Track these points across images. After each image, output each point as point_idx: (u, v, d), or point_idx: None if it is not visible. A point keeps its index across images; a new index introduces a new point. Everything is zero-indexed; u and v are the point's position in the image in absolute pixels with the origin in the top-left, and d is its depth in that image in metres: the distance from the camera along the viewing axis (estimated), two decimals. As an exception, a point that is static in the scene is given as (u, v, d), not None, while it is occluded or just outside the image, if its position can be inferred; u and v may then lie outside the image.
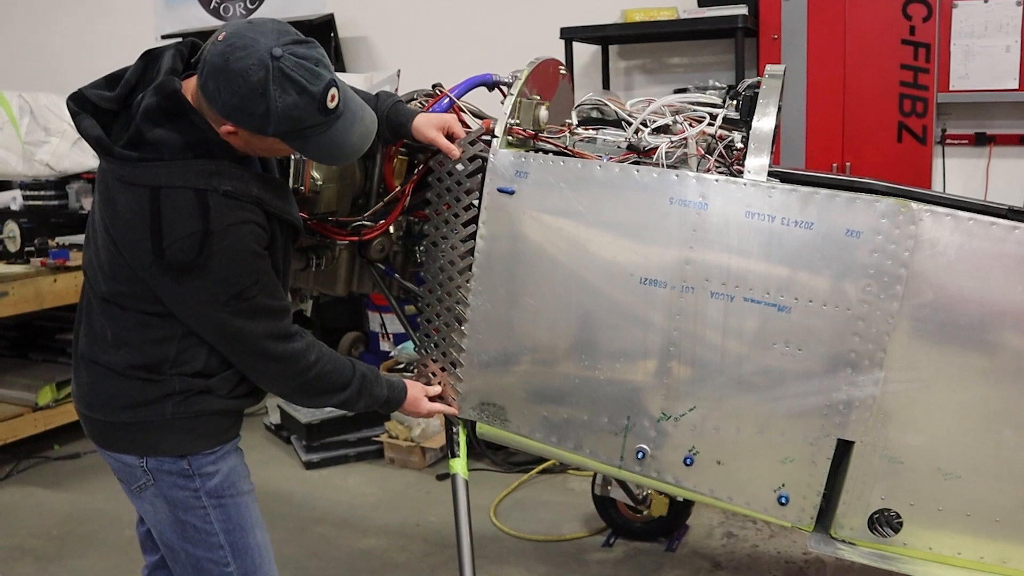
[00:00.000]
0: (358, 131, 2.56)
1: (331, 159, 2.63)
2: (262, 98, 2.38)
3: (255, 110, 2.39)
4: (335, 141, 2.51)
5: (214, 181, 2.48)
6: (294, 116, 2.41)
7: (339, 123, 2.49)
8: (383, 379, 3.00)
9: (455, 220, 3.17)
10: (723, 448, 3.02)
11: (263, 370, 2.71)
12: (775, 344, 2.89)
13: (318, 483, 5.65)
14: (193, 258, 2.46)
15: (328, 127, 2.48)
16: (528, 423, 3.21)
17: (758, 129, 2.95)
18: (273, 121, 2.40)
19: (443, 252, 3.19)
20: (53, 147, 6.70)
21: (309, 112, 2.42)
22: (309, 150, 2.53)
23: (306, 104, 2.40)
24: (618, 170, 3.00)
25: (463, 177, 3.15)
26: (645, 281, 2.97)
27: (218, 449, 2.76)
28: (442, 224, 3.18)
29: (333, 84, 2.44)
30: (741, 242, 2.88)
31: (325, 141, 2.50)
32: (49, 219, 6.87)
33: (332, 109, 2.45)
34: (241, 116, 2.42)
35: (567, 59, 6.50)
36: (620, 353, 3.04)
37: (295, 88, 2.38)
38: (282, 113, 2.39)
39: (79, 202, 6.94)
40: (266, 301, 2.61)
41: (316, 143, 2.49)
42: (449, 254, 3.18)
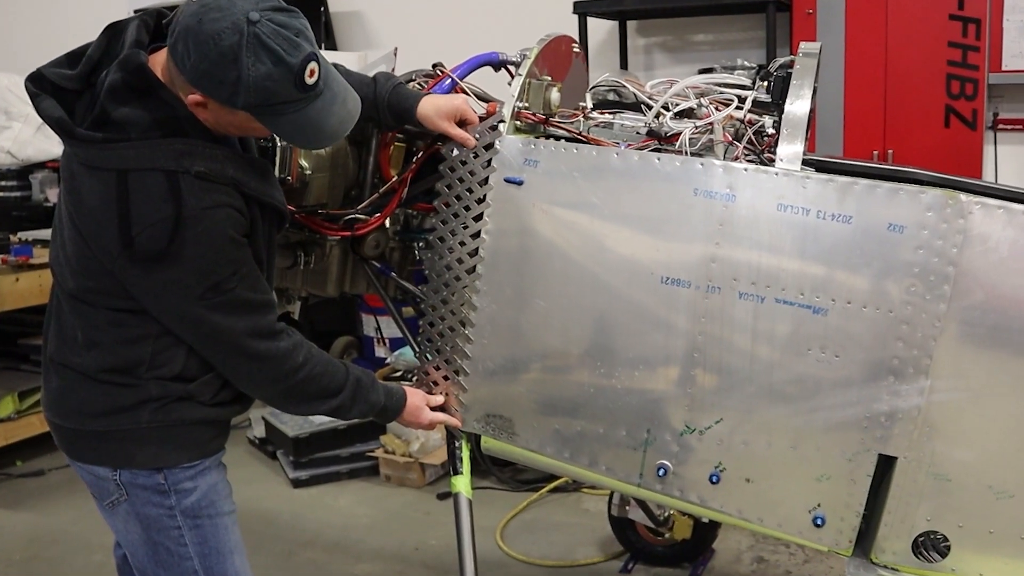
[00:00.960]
0: (338, 114, 2.55)
1: (306, 142, 2.63)
2: (233, 65, 2.36)
3: (225, 77, 2.38)
4: (312, 122, 2.50)
5: (185, 161, 2.48)
6: (267, 88, 2.39)
7: (318, 102, 2.48)
8: (380, 385, 3.01)
9: (465, 213, 3.16)
10: (753, 464, 3.02)
11: (245, 372, 2.71)
12: (810, 350, 2.89)
13: (307, 503, 5.66)
14: (164, 246, 2.46)
15: (304, 105, 2.47)
16: (538, 437, 3.21)
17: (791, 113, 2.95)
18: (243, 91, 2.39)
19: (450, 248, 3.19)
20: (15, 133, 6.71)
21: (284, 86, 2.40)
22: (282, 129, 2.53)
23: (281, 76, 2.39)
24: (637, 158, 3.00)
25: (478, 166, 3.14)
26: (667, 280, 2.98)
27: (198, 463, 2.76)
28: (450, 217, 3.19)
29: (313, 58, 2.43)
30: (773, 237, 2.88)
31: (300, 121, 2.49)
32: (10, 212, 6.87)
33: (310, 86, 2.44)
34: (209, 83, 2.40)
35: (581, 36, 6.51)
36: (639, 360, 3.04)
37: (270, 57, 2.37)
38: (254, 83, 2.38)
39: (44, 193, 6.94)
40: (247, 294, 2.61)
41: (290, 122, 2.48)
42: (457, 250, 3.18)
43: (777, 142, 2.94)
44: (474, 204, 3.16)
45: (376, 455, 5.95)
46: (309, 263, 3.46)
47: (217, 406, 2.76)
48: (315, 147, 3.02)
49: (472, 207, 3.16)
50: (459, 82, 3.32)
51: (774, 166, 2.90)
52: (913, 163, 3.48)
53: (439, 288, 3.23)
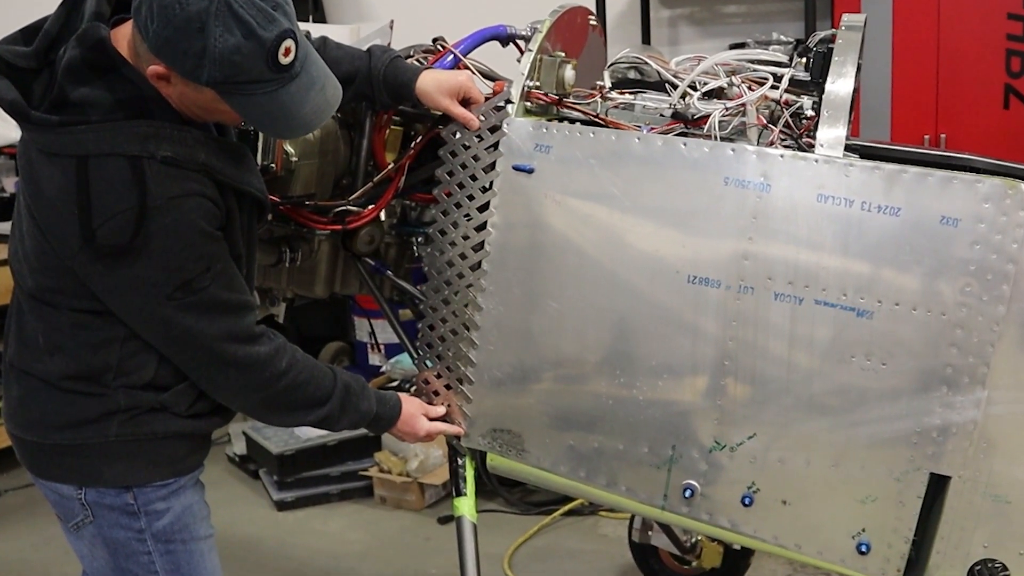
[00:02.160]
0: (314, 102, 2.54)
1: (275, 129, 2.64)
2: (199, 33, 2.35)
3: (189, 47, 2.36)
4: (283, 107, 2.49)
5: (151, 146, 2.47)
6: (234, 63, 2.38)
7: (291, 86, 2.47)
8: (371, 392, 3.01)
9: (469, 203, 3.17)
10: (790, 485, 3.02)
11: (221, 380, 2.71)
12: (853, 357, 2.89)
13: (293, 527, 5.67)
14: (129, 240, 2.46)
15: (276, 88, 2.45)
16: (550, 454, 3.22)
17: (832, 93, 2.95)
18: (208, 64, 2.37)
19: (452, 242, 3.19)
20: (-31, 116, 6.71)
21: (254, 62, 2.39)
22: (249, 113, 2.51)
23: (252, 51, 2.38)
24: (661, 143, 3.00)
25: (482, 151, 3.14)
26: (694, 280, 2.98)
27: (171, 481, 2.76)
28: (452, 208, 3.19)
29: (290, 35, 2.42)
30: (812, 232, 2.88)
31: (270, 104, 2.48)
32: (-36, 204, 6.89)
33: (284, 66, 2.43)
34: (172, 53, 2.39)
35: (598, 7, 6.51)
36: (663, 368, 3.05)
37: (241, 29, 2.35)
38: (220, 56, 2.36)
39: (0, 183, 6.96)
40: (221, 294, 2.61)
41: (259, 105, 2.48)
42: (460, 245, 3.18)
43: (817, 125, 2.93)
44: (479, 193, 3.16)
45: (370, 474, 5.96)
46: (295, 260, 3.47)
47: (193, 418, 2.76)
48: (284, 136, 3.02)
49: (476, 196, 3.16)
50: (462, 58, 3.32)
51: (813, 152, 2.90)
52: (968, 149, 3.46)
53: (440, 287, 3.23)
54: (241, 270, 2.71)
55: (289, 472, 5.97)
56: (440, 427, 3.24)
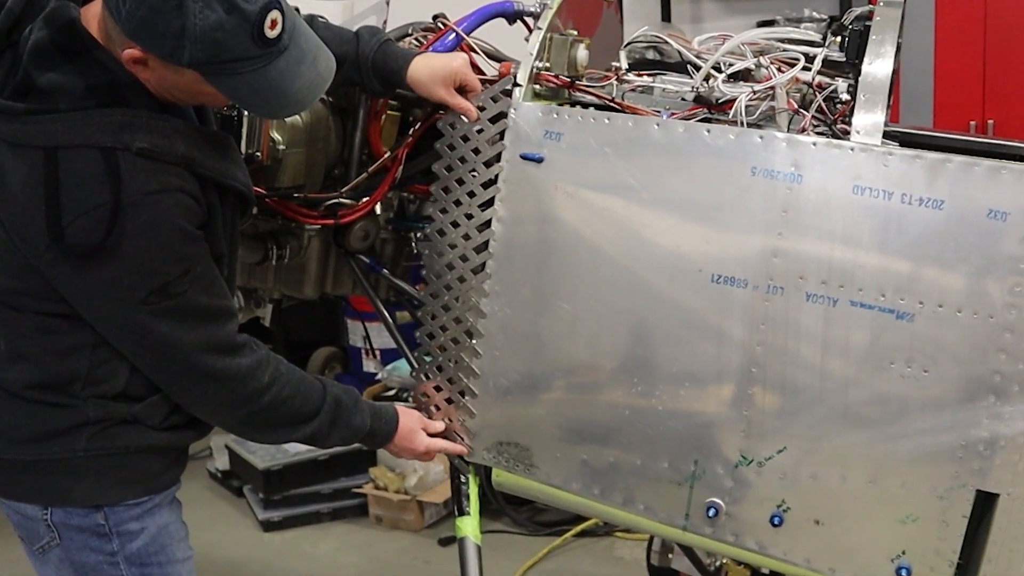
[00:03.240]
0: (306, 76, 2.54)
1: (266, 109, 2.64)
2: (177, 11, 2.34)
3: (167, 27, 2.36)
4: (273, 85, 2.49)
5: (125, 136, 2.47)
6: (217, 40, 2.38)
7: (280, 61, 2.47)
8: (365, 405, 3.01)
9: (470, 201, 3.16)
10: (823, 503, 3.02)
11: (198, 394, 2.71)
12: (893, 364, 2.89)
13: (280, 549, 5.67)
14: (101, 240, 2.46)
15: (264, 64, 2.45)
16: (562, 469, 3.22)
17: (870, 75, 2.95)
18: (189, 44, 2.37)
19: (453, 243, 3.19)
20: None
21: (238, 38, 2.39)
22: (237, 93, 2.52)
23: (235, 26, 2.37)
24: (682, 130, 3.01)
25: (484, 143, 3.14)
26: (719, 279, 2.98)
27: (145, 500, 2.76)
28: (451, 206, 3.18)
29: (275, 6, 2.41)
30: (847, 226, 2.88)
31: (259, 83, 2.47)
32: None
33: (271, 40, 2.42)
34: (148, 35, 2.39)
35: (613, -18, 6.50)
36: (685, 376, 3.05)
37: (222, 3, 2.35)
38: (201, 34, 2.36)
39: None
40: (200, 299, 2.61)
41: (247, 85, 2.47)
42: (461, 246, 3.18)
43: (852, 111, 2.93)
44: (480, 189, 3.16)
45: (365, 491, 5.97)
46: (283, 258, 3.48)
47: (169, 431, 2.76)
48: (277, 116, 3.01)
49: (478, 193, 3.16)
50: (465, 37, 3.31)
51: (849, 139, 2.90)
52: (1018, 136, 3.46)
53: (439, 292, 3.23)
54: (222, 271, 2.71)
55: (276, 489, 5.98)
56: (440, 444, 3.24)
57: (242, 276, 3.62)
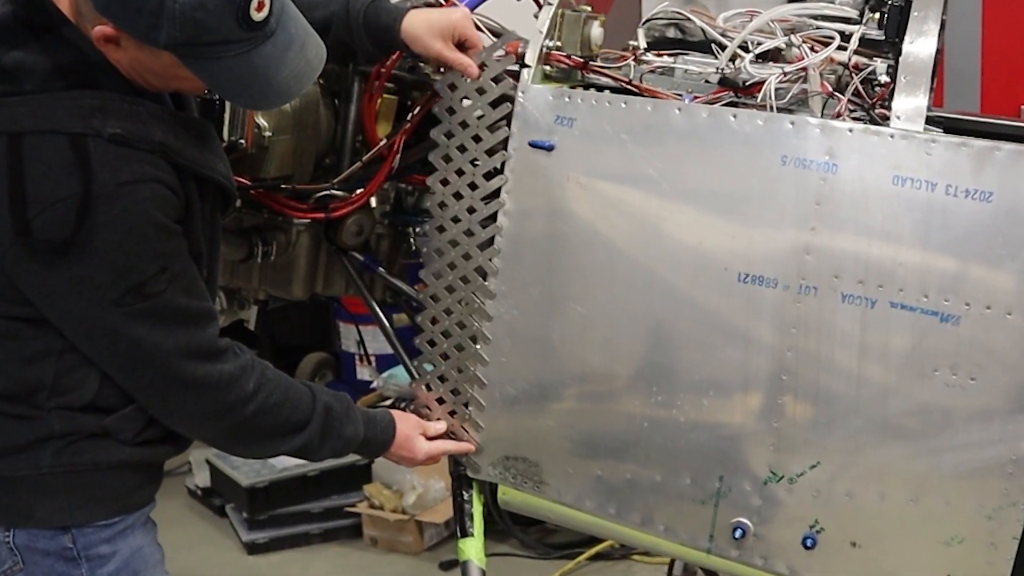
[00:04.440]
0: (294, 64, 2.54)
1: (248, 98, 2.64)
2: None
3: (143, 4, 2.36)
4: (257, 72, 2.49)
5: (96, 121, 2.46)
6: (198, 20, 2.37)
7: (266, 46, 2.47)
8: (358, 413, 3.01)
9: (472, 193, 3.17)
10: (860, 523, 3.02)
11: (177, 404, 2.70)
12: (936, 371, 2.89)
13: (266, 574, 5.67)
14: (70, 234, 2.45)
15: (248, 49, 2.45)
16: (574, 486, 3.22)
17: (911, 55, 2.95)
18: (167, 22, 2.36)
19: (454, 240, 3.19)
20: None
21: (222, 19, 2.38)
22: (217, 80, 2.51)
23: (218, 6, 2.37)
24: (706, 115, 3.01)
25: (484, 130, 3.14)
26: (746, 278, 2.98)
27: (117, 520, 2.75)
28: (451, 198, 3.18)
29: None
30: (886, 221, 2.88)
31: (241, 69, 2.47)
32: None
33: (257, 23, 2.42)
34: (122, 11, 2.39)
35: (630, -47, 6.51)
36: (709, 384, 3.05)
37: None
38: (180, 13, 2.35)
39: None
40: (179, 300, 2.60)
41: (228, 70, 2.47)
42: (464, 243, 3.18)
43: (892, 94, 2.93)
44: (483, 181, 3.16)
45: (358, 510, 5.97)
46: (268, 255, 3.48)
47: (143, 445, 2.74)
48: (259, 106, 3.02)
49: (480, 184, 3.16)
50: (469, 13, 3.31)
51: (888, 125, 2.90)
52: (1075, 121, 3.46)
53: (440, 294, 3.23)
54: (202, 271, 2.71)
55: (262, 508, 5.98)
56: (442, 446, 3.23)
57: (224, 275, 3.62)
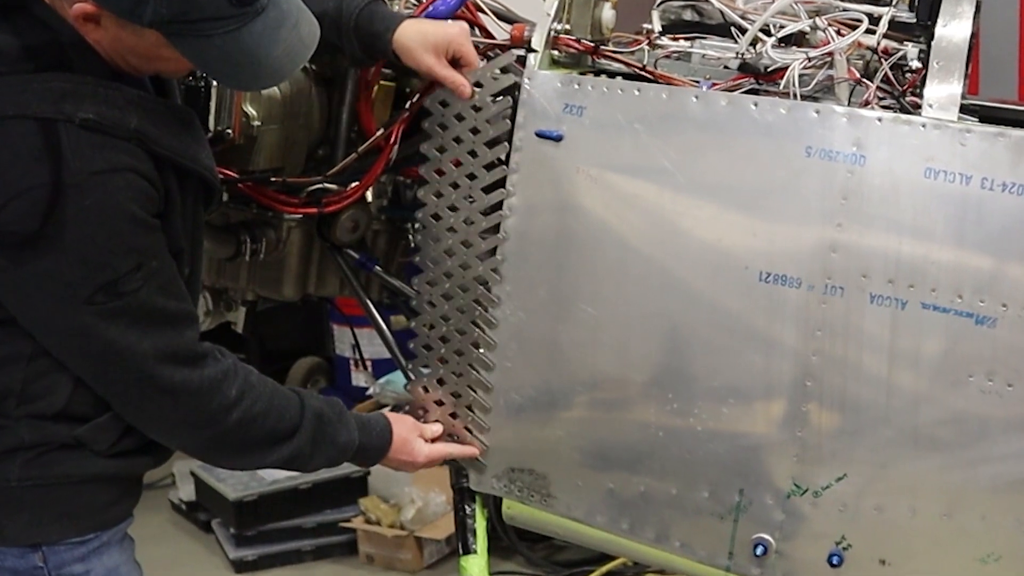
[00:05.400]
0: (286, 43, 2.53)
1: (237, 79, 2.63)
2: None
3: None
4: (248, 50, 2.48)
5: (68, 105, 2.45)
6: None
7: (257, 24, 2.46)
8: (351, 418, 3.00)
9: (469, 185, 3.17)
10: (890, 540, 3.02)
11: (153, 412, 2.68)
12: (971, 376, 2.89)
13: (255, 593, 5.68)
14: (38, 226, 2.44)
15: (238, 26, 2.43)
16: (584, 500, 3.23)
17: (944, 39, 2.95)
18: None
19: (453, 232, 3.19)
20: None
21: None
22: (205, 59, 2.51)
23: None
24: (725, 103, 3.01)
25: (482, 123, 3.15)
26: (768, 278, 2.98)
27: (91, 537, 2.73)
28: (449, 189, 3.19)
29: None
30: (918, 216, 2.88)
31: (231, 48, 2.46)
32: None
33: None
34: None
35: (644, -71, 6.51)
36: (728, 391, 3.05)
37: None
38: None
39: None
40: (155, 299, 2.58)
41: (216, 50, 2.46)
42: (463, 232, 3.18)
43: (924, 80, 2.94)
44: (482, 171, 3.16)
45: (354, 526, 5.98)
46: (257, 253, 3.47)
47: (119, 457, 2.73)
48: (250, 87, 3.00)
49: (479, 175, 3.17)
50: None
51: (920, 114, 2.90)
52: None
53: (436, 298, 3.23)
54: (182, 269, 2.70)
55: (250, 523, 5.98)
56: (444, 448, 3.25)
57: (210, 274, 3.63)
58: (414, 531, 5.80)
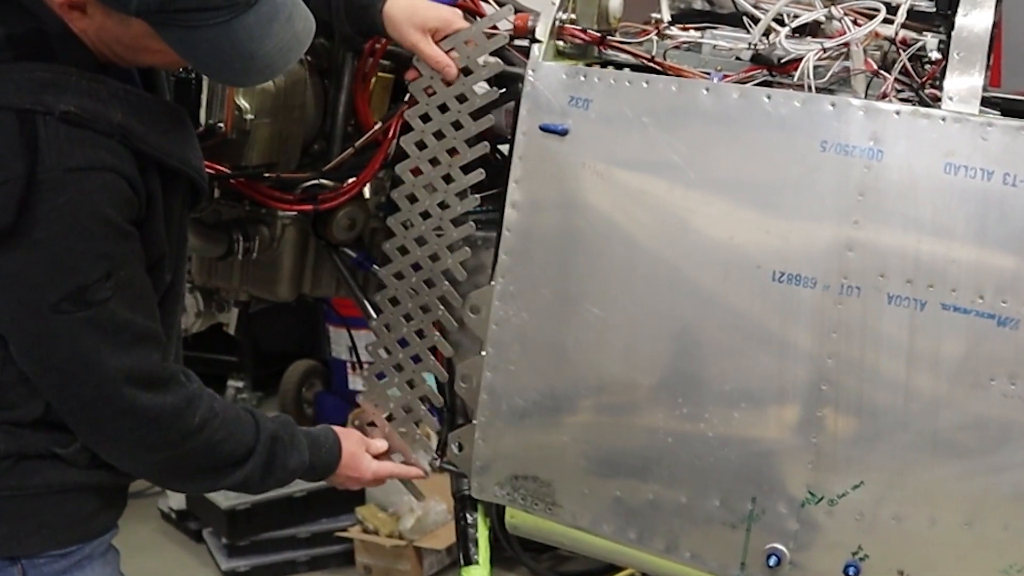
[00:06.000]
0: (280, 37, 2.52)
1: (228, 73, 2.61)
2: None
3: None
4: (238, 43, 2.47)
5: (48, 97, 2.45)
6: None
7: (249, 16, 2.45)
8: (302, 438, 3.01)
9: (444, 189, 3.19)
10: (908, 550, 3.02)
11: (111, 432, 2.66)
12: (993, 380, 2.89)
13: (248, 606, 5.68)
14: (9, 223, 2.42)
15: (230, 17, 2.42)
16: (590, 509, 3.23)
17: (965, 29, 2.95)
18: None
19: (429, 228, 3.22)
20: None
21: None
22: (195, 52, 2.49)
23: None
24: (737, 96, 3.01)
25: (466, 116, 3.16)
26: (781, 277, 2.98)
27: (74, 550, 2.73)
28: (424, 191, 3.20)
29: None
30: (938, 213, 2.88)
31: (222, 41, 2.45)
32: None
33: None
34: None
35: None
36: (740, 395, 3.05)
37: None
38: None
39: None
40: (122, 313, 2.57)
41: (206, 41, 2.45)
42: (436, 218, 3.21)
43: (944, 72, 2.94)
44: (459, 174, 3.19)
45: (350, 535, 5.97)
46: (251, 252, 3.47)
47: (104, 467, 2.72)
48: (240, 82, 2.99)
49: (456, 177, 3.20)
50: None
51: (940, 107, 2.90)
52: None
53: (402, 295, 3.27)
54: (164, 276, 2.70)
55: (243, 532, 5.98)
56: (389, 468, 3.27)
57: (202, 274, 3.63)
58: (413, 541, 5.80)
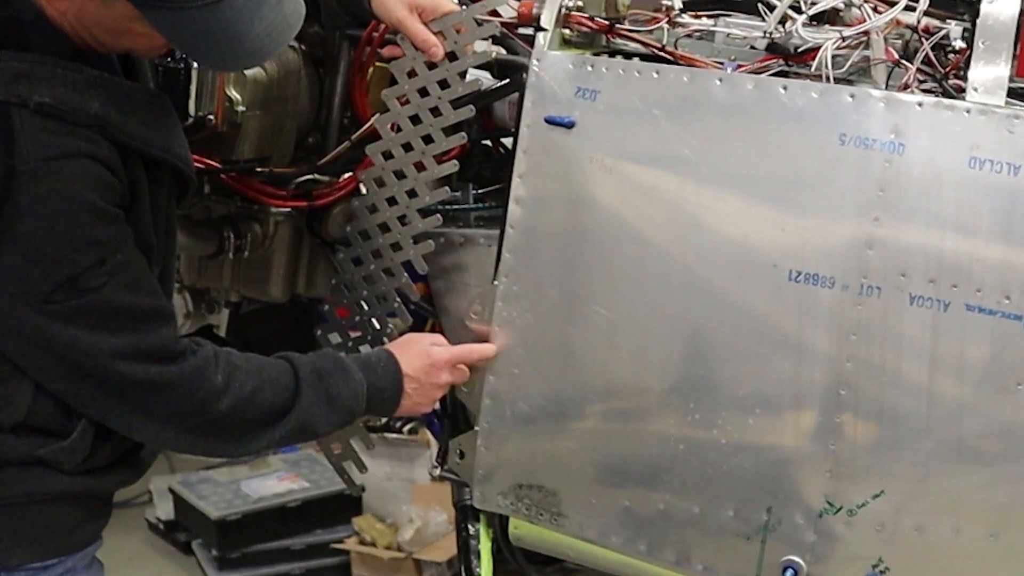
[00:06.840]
0: (269, 19, 2.53)
1: (215, 56, 2.62)
2: None
3: None
4: (227, 27, 2.48)
5: (22, 88, 2.46)
6: None
7: None
8: (348, 361, 3.01)
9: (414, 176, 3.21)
10: (931, 562, 3.02)
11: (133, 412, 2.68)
12: (1020, 384, 2.89)
13: (239, 621, 5.69)
14: None
15: None
16: (598, 519, 3.24)
17: (991, 16, 2.95)
18: None
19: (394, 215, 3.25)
20: None
21: None
22: (181, 34, 2.51)
23: None
24: (752, 87, 3.02)
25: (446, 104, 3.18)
26: (798, 277, 2.99)
27: (55, 562, 2.73)
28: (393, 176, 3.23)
29: None
30: (962, 209, 2.88)
31: (209, 23, 2.46)
32: None
33: None
34: None
35: None
36: (755, 400, 3.06)
37: None
38: None
39: None
40: (122, 297, 2.58)
41: (193, 24, 2.46)
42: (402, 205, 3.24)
43: (968, 62, 2.94)
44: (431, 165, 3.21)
45: (347, 547, 5.97)
46: (242, 250, 3.47)
47: (87, 474, 2.72)
48: (228, 67, 2.99)
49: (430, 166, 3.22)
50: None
51: (964, 99, 2.91)
52: None
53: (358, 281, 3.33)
54: (153, 268, 2.71)
55: (234, 544, 5.98)
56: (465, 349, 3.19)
57: (191, 273, 3.64)
58: (412, 553, 5.79)
